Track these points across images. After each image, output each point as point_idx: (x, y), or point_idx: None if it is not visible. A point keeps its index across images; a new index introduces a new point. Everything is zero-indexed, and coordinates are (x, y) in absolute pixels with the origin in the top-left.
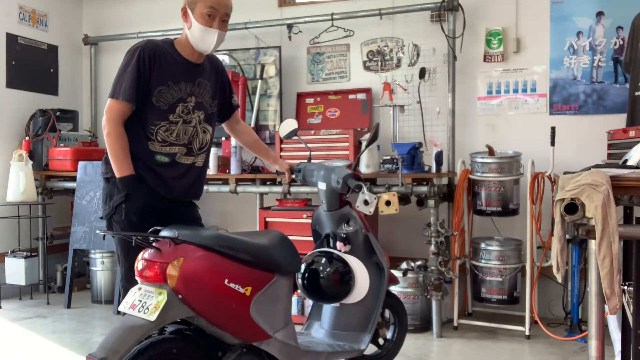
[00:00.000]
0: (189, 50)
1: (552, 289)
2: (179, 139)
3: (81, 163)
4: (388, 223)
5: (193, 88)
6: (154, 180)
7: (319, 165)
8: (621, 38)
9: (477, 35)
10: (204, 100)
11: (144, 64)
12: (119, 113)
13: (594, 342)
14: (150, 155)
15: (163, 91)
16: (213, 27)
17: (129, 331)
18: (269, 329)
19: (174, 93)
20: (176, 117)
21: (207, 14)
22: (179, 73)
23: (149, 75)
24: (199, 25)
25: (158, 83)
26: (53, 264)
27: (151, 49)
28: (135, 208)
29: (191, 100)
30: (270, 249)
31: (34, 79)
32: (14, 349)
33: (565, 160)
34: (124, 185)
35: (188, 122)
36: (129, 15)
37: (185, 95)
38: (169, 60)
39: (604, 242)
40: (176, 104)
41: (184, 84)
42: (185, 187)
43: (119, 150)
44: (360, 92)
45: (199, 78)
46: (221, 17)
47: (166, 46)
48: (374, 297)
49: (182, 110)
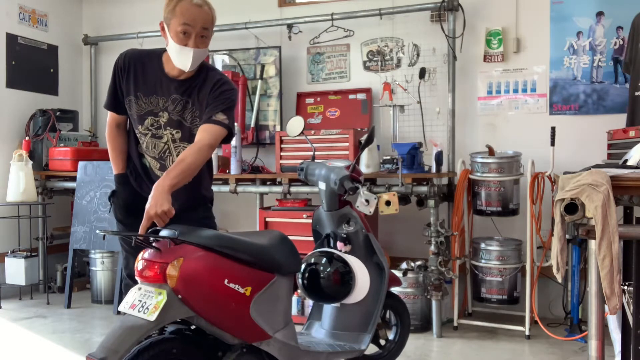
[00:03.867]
0: (169, 64)
1: (552, 289)
2: (149, 151)
3: (81, 163)
4: (388, 223)
5: (166, 104)
6: (137, 180)
7: (320, 165)
8: (621, 38)
9: (477, 35)
10: (182, 119)
11: (118, 74)
12: (110, 118)
13: (594, 342)
14: (138, 157)
15: (131, 101)
16: (188, 45)
17: (128, 331)
18: (269, 329)
19: (143, 105)
20: (144, 129)
21: (181, 32)
22: (152, 86)
23: (122, 85)
24: (174, 44)
25: (127, 93)
26: (53, 264)
27: (124, 59)
28: (119, 204)
29: (163, 115)
30: (270, 249)
31: (34, 79)
32: (14, 349)
33: (565, 160)
34: (115, 181)
35: (158, 137)
36: (129, 15)
37: (157, 109)
38: (144, 73)
39: (604, 242)
40: (145, 116)
41: (155, 98)
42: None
43: (110, 151)
44: (360, 92)
45: (175, 94)
46: (198, 33)
47: (148, 57)
48: (374, 297)
49: (151, 124)
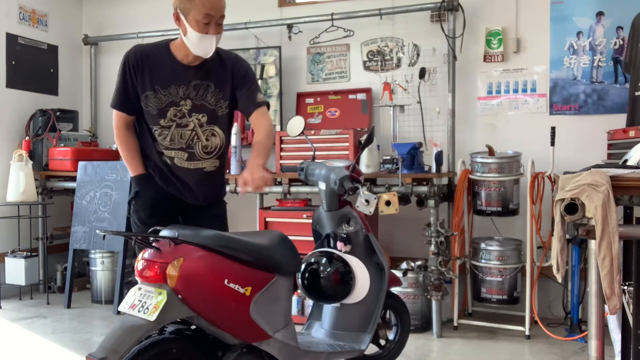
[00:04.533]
0: (183, 52)
1: (552, 289)
2: (174, 143)
3: (81, 163)
4: (388, 223)
5: (187, 91)
6: (163, 179)
7: (320, 165)
8: (621, 38)
9: (477, 35)
10: (205, 102)
11: (129, 72)
12: (118, 120)
13: (594, 342)
14: (157, 155)
15: (150, 97)
16: (210, 33)
17: (129, 331)
18: (269, 329)
19: (163, 98)
20: (168, 121)
21: (202, 21)
22: (168, 77)
23: (135, 83)
24: (194, 33)
25: (143, 89)
26: (53, 264)
27: (135, 56)
28: (144, 205)
29: (185, 103)
30: (270, 249)
31: (34, 79)
32: (14, 349)
33: (565, 160)
34: (135, 183)
35: (184, 126)
36: (129, 15)
37: (178, 99)
38: (157, 65)
39: (604, 242)
40: (166, 109)
41: (174, 88)
42: (190, 190)
43: (125, 153)
44: (360, 92)
45: (195, 80)
46: (216, 20)
47: (157, 50)
48: (374, 297)
49: (174, 114)
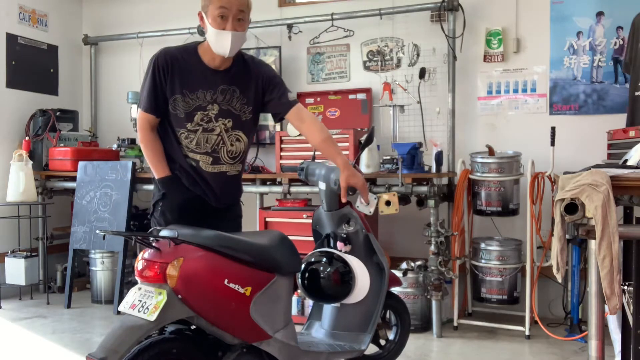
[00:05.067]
0: (210, 56)
1: (552, 289)
2: (200, 147)
3: (81, 163)
4: (388, 223)
5: (215, 96)
6: (189, 181)
7: (320, 165)
8: (621, 38)
9: (477, 35)
10: (231, 108)
11: (159, 74)
12: (144, 121)
13: (594, 342)
14: (182, 158)
15: (178, 100)
16: (226, 28)
17: (128, 331)
18: (269, 329)
19: (190, 101)
20: (194, 125)
21: (218, 16)
22: (196, 81)
23: (164, 85)
24: (212, 29)
25: (172, 92)
26: (53, 264)
27: (165, 59)
28: (171, 206)
29: (212, 108)
30: (270, 249)
31: (34, 79)
32: (14, 349)
33: (565, 160)
34: (162, 185)
35: (210, 131)
36: (129, 15)
37: (205, 103)
38: (186, 69)
39: (604, 242)
40: (194, 113)
41: (202, 92)
42: (214, 193)
43: (151, 155)
44: (360, 92)
45: (223, 85)
46: (235, 15)
47: (184, 54)
48: (374, 297)
49: (201, 119)
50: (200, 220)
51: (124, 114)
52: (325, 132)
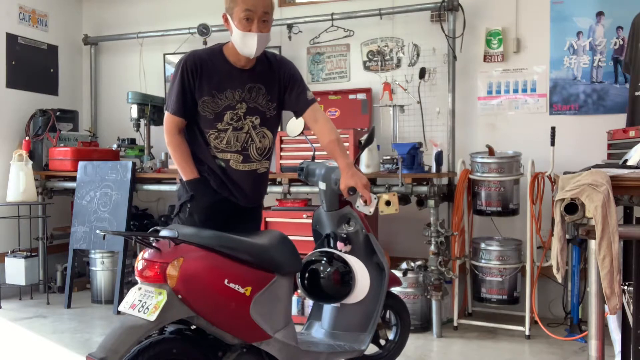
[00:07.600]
0: (235, 56)
1: (552, 289)
2: (230, 146)
3: (81, 163)
4: (388, 223)
5: (243, 94)
6: (217, 183)
7: (320, 165)
8: (621, 38)
9: (477, 35)
10: (258, 105)
11: (187, 77)
12: (172, 124)
13: (594, 342)
14: (211, 159)
15: (207, 101)
16: (252, 30)
17: (128, 331)
18: (269, 329)
19: (220, 102)
20: (224, 125)
21: (244, 18)
22: (224, 81)
23: (193, 88)
24: (238, 31)
25: (201, 94)
26: (53, 264)
27: (193, 62)
28: (200, 208)
29: (241, 106)
30: (270, 249)
31: (34, 79)
32: (14, 349)
33: (565, 160)
34: (190, 187)
35: (239, 129)
36: (129, 15)
37: (234, 102)
38: (213, 70)
39: (604, 242)
40: (223, 112)
41: (230, 92)
42: (243, 193)
43: (179, 158)
44: (360, 92)
45: (250, 83)
46: (260, 17)
47: (211, 55)
48: (374, 297)
49: (231, 118)
50: (226, 222)
51: (124, 114)
52: (334, 134)
